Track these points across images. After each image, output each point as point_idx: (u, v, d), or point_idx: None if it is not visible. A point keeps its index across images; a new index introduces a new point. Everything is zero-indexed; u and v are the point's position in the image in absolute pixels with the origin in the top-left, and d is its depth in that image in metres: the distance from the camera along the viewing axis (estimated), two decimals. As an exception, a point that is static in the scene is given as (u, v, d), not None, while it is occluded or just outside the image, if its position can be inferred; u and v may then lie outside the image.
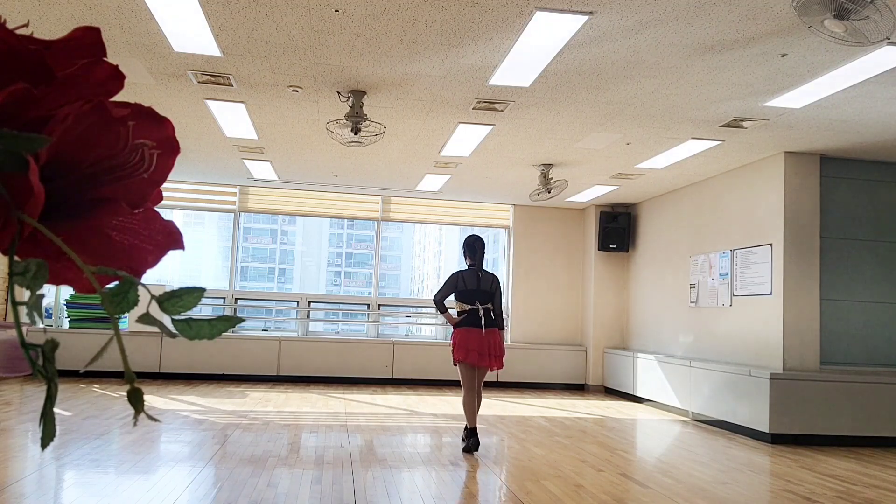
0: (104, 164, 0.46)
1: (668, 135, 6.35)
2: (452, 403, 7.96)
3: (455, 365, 5.45)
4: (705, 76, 4.85)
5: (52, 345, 0.41)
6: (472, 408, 5.34)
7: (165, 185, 0.50)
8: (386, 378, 9.59)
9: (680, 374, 7.84)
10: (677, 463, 5.34)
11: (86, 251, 0.45)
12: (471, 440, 5.25)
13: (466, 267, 5.59)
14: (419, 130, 6.49)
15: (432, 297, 5.73)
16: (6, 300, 8.45)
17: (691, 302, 8.26)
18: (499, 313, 5.48)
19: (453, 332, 5.48)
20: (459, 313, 5.50)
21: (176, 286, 0.99)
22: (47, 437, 0.42)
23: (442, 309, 5.54)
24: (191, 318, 0.44)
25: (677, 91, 5.17)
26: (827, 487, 4.62)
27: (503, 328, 5.55)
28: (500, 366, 5.44)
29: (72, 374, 8.14)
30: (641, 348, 9.42)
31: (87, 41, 0.47)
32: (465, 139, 6.69)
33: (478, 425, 5.38)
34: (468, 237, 5.71)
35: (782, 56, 4.42)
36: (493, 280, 5.57)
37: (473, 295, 5.45)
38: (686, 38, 4.22)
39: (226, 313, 1.61)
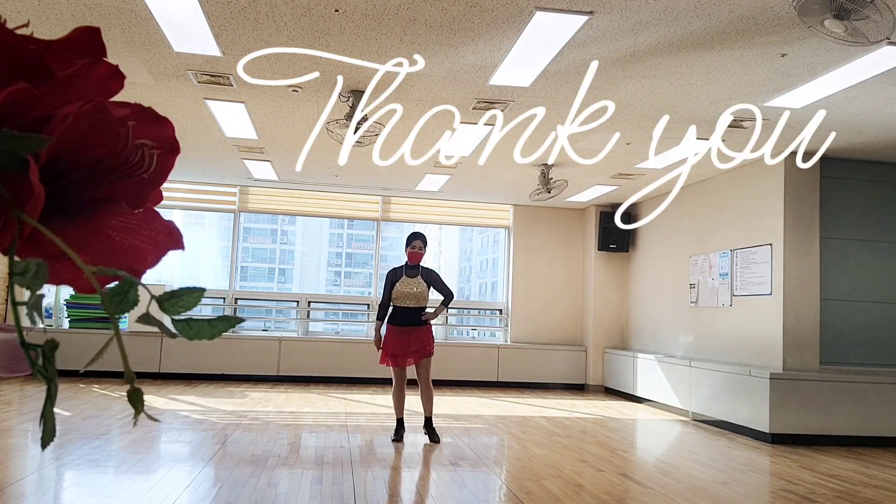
0: (104, 164, 0.46)
1: (668, 135, 6.35)
2: (452, 403, 7.96)
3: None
4: (705, 76, 4.85)
5: (52, 345, 0.41)
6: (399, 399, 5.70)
7: (165, 185, 0.50)
8: (386, 378, 9.57)
9: (680, 374, 7.84)
10: (677, 463, 5.34)
11: (86, 251, 0.45)
12: (403, 432, 5.65)
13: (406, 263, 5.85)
14: (419, 130, 6.48)
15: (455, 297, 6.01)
16: (6, 300, 8.45)
17: (691, 302, 8.26)
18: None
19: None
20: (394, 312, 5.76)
21: (176, 286, 0.99)
22: (47, 437, 0.42)
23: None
24: (191, 318, 0.44)
25: (677, 91, 5.17)
26: (827, 487, 4.62)
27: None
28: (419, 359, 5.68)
29: (72, 374, 8.14)
30: (641, 348, 9.42)
31: (87, 41, 0.47)
32: (466, 139, 6.69)
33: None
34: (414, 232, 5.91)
35: (782, 56, 4.42)
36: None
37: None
38: (686, 38, 4.22)
39: (226, 313, 1.61)
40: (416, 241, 5.77)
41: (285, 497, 3.81)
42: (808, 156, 6.79)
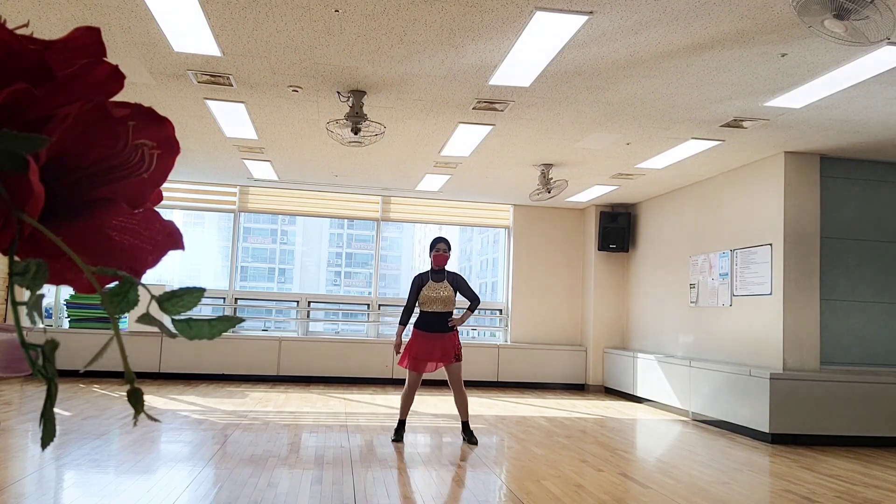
0: (104, 164, 0.46)
1: (668, 135, 6.35)
2: (452, 403, 7.95)
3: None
4: (705, 76, 4.85)
5: (52, 345, 0.41)
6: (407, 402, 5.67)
7: (165, 185, 0.50)
8: (386, 378, 9.59)
9: (680, 374, 7.84)
10: (677, 463, 5.34)
11: (86, 251, 0.45)
12: (403, 432, 5.64)
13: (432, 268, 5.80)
14: (419, 130, 6.49)
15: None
16: (6, 300, 8.45)
17: (691, 302, 8.26)
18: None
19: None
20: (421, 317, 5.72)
21: (176, 286, 0.99)
22: (47, 438, 0.42)
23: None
24: (191, 318, 0.44)
25: (677, 91, 5.17)
26: (827, 487, 4.62)
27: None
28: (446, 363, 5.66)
29: (72, 374, 8.14)
30: (641, 348, 9.42)
31: (87, 41, 0.47)
32: (465, 139, 6.69)
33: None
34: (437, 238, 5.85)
35: (782, 56, 4.42)
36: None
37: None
38: (686, 38, 4.22)
39: (226, 313, 1.61)
40: (441, 244, 5.72)
41: (285, 497, 3.81)
42: (808, 155, 6.80)
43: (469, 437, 5.64)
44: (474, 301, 5.73)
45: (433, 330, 5.58)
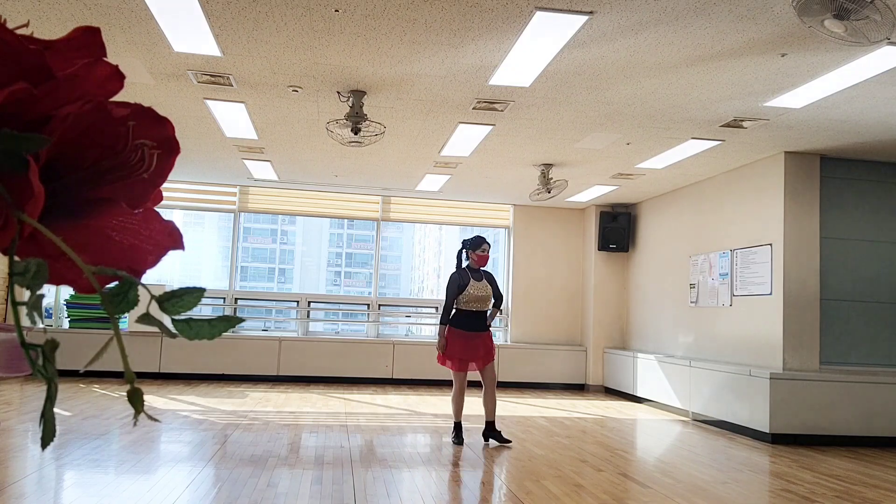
0: (104, 164, 0.46)
1: (668, 135, 6.35)
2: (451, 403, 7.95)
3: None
4: (705, 76, 4.85)
5: (52, 345, 0.41)
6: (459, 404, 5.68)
7: (165, 185, 0.50)
8: (386, 378, 9.59)
9: (680, 374, 7.84)
10: (677, 463, 5.34)
11: (86, 251, 0.45)
12: (460, 435, 5.64)
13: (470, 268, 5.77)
14: (419, 130, 6.49)
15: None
16: (6, 300, 8.44)
17: (691, 302, 8.26)
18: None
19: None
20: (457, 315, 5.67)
21: (176, 286, 0.98)
22: (47, 438, 0.42)
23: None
24: (191, 318, 0.44)
25: (677, 91, 5.17)
26: (827, 487, 4.62)
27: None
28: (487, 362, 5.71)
29: (72, 374, 8.14)
30: (641, 348, 9.42)
31: (87, 41, 0.47)
32: (465, 139, 6.69)
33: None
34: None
35: (782, 56, 4.42)
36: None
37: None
38: (686, 38, 4.22)
39: (226, 313, 1.61)
40: (486, 244, 5.72)
41: (285, 497, 3.81)
42: (808, 155, 6.81)
43: (497, 436, 5.60)
44: (499, 299, 5.80)
45: (474, 329, 5.61)
